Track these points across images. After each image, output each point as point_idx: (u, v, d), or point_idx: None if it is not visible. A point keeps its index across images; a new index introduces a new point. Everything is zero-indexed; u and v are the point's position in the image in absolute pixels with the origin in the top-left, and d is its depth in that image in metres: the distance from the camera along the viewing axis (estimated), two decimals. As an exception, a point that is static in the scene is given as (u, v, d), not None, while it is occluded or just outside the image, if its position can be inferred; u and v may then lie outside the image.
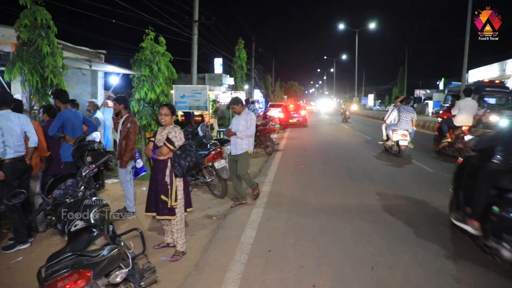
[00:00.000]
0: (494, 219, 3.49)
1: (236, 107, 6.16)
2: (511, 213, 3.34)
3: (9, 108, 4.44)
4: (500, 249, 3.44)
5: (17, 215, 4.46)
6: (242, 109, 6.20)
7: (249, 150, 6.15)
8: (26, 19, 5.24)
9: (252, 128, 6.11)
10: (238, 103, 6.17)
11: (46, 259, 4.23)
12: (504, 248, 3.39)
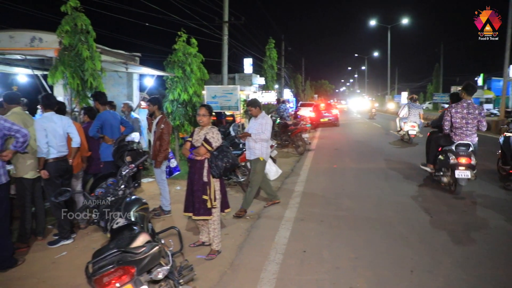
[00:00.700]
0: (438, 162, 6.93)
1: (253, 109, 5.76)
2: (446, 158, 6.52)
3: (53, 110, 4.65)
4: (441, 178, 6.75)
5: (61, 212, 4.66)
6: (259, 112, 5.77)
7: (261, 157, 5.68)
8: (67, 25, 5.48)
9: (267, 133, 5.61)
10: (256, 105, 5.79)
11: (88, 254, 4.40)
12: (443, 176, 6.69)
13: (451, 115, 6.43)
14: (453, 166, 6.25)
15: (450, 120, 6.44)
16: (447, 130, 6.55)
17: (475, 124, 6.36)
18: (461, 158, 6.20)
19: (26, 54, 5.92)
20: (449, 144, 6.53)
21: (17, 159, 4.44)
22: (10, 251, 4.09)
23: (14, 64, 7.41)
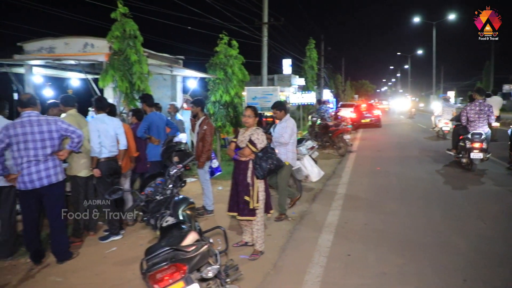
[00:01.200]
0: (459, 147, 8.79)
1: (278, 112, 5.53)
2: (464, 144, 8.34)
3: (105, 112, 4.89)
4: (461, 159, 8.61)
5: (111, 208, 4.88)
6: (283, 115, 5.53)
7: (287, 161, 5.43)
8: (117, 31, 5.74)
9: (285, 136, 5.34)
10: (281, 108, 5.55)
11: (136, 250, 4.59)
12: (463, 158, 8.53)
13: (466, 111, 8.46)
14: (469, 149, 8.15)
15: (466, 116, 8.43)
16: (464, 123, 8.48)
17: (486, 118, 8.26)
18: (475, 143, 8.04)
19: (79, 59, 6.26)
20: (466, 133, 8.37)
21: (72, 158, 4.70)
22: (66, 244, 4.35)
23: (68, 69, 7.87)
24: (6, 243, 4.34)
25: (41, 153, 3.96)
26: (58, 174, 4.13)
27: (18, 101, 4.09)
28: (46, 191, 4.05)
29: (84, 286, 3.80)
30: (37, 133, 3.92)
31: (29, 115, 3.96)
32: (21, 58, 6.75)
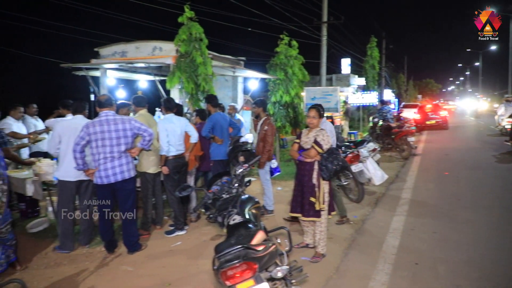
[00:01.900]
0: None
1: None
2: None
3: (173, 112, 5.12)
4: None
5: (177, 205, 5.10)
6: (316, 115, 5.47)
7: None
8: (184, 34, 5.98)
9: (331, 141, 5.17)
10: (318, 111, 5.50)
11: (200, 245, 4.73)
12: None
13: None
14: None
15: None
16: None
17: None
18: None
19: (149, 62, 6.62)
20: None
21: (142, 156, 4.98)
22: (136, 236, 4.62)
23: (137, 71, 8.36)
24: (84, 232, 4.71)
25: (116, 150, 4.24)
26: (130, 171, 4.40)
27: (97, 102, 4.41)
28: (119, 186, 4.33)
29: (152, 277, 4.00)
30: (113, 131, 4.21)
31: (106, 115, 4.26)
32: (97, 62, 7.29)
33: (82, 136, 4.13)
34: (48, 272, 4.16)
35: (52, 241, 4.94)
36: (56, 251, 4.60)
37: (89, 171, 4.28)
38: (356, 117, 21.54)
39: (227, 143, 5.70)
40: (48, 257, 4.52)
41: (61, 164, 4.49)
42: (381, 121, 12.93)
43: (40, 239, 5.06)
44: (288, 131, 9.02)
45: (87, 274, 4.08)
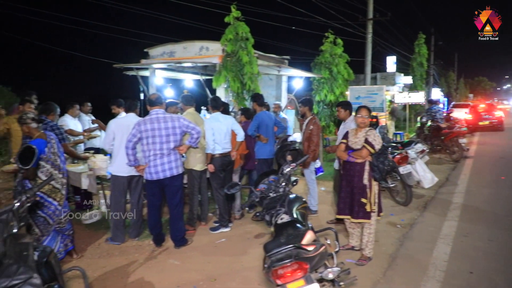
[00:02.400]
0: None
1: (342, 111, 5.09)
2: None
3: (219, 111, 5.21)
4: None
5: (222, 203, 5.19)
6: (347, 116, 5.12)
7: None
8: (231, 34, 6.06)
9: None
10: (347, 108, 5.10)
11: (243, 243, 4.78)
12: None
13: None
14: None
15: None
16: None
17: None
18: None
19: (196, 62, 6.78)
20: None
21: (189, 153, 5.10)
22: (183, 232, 4.74)
23: (184, 71, 8.59)
24: (134, 225, 4.91)
25: (165, 147, 4.38)
26: (178, 167, 4.53)
27: (148, 101, 4.58)
28: (168, 182, 4.47)
29: (198, 271, 4.10)
30: (163, 129, 4.35)
31: (156, 113, 4.41)
32: (146, 62, 7.58)
33: (134, 134, 4.30)
34: (101, 261, 4.38)
35: (104, 233, 5.20)
36: (108, 242, 4.83)
37: (140, 167, 4.45)
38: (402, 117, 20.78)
39: (272, 142, 5.71)
40: (101, 248, 4.76)
41: (114, 160, 4.71)
42: (429, 121, 12.39)
43: (93, 230, 5.34)
44: (332, 130, 8.88)
45: (137, 266, 4.26)
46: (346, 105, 5.18)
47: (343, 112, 5.11)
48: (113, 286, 3.81)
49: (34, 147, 3.34)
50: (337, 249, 2.77)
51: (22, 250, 2.04)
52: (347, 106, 5.14)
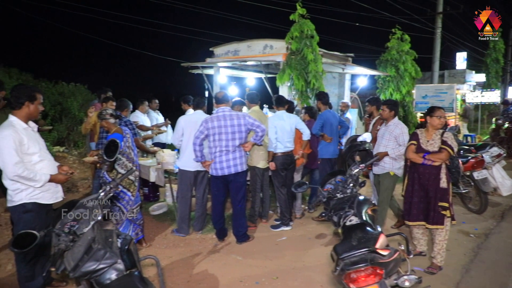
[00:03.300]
0: None
1: (387, 111, 4.68)
2: None
3: (284, 109, 5.21)
4: None
5: (284, 201, 5.18)
6: (391, 117, 4.69)
7: (392, 171, 4.61)
8: (296, 32, 6.02)
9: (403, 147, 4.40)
10: (392, 107, 4.67)
11: (304, 242, 4.72)
12: None
13: None
14: None
15: None
16: None
17: None
18: None
19: (260, 60, 6.84)
20: None
21: (253, 150, 5.15)
22: (245, 227, 4.82)
23: (246, 69, 8.70)
24: (198, 218, 5.08)
25: (231, 144, 4.47)
26: (242, 164, 4.60)
27: (214, 98, 4.70)
28: (232, 178, 4.56)
29: (260, 268, 4.14)
30: (229, 126, 4.44)
31: (223, 111, 4.51)
32: (211, 61, 7.79)
33: (201, 130, 4.44)
34: (168, 251, 4.59)
35: (170, 224, 5.45)
36: (174, 234, 5.05)
37: (206, 163, 4.58)
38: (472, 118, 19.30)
39: (336, 141, 5.59)
40: (167, 238, 4.99)
41: (182, 155, 4.91)
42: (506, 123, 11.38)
43: (160, 221, 5.62)
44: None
45: (201, 258, 4.40)
46: (393, 105, 4.73)
47: (387, 112, 4.67)
48: (179, 275, 3.97)
49: (117, 141, 3.58)
50: (411, 255, 2.63)
51: (108, 237, 2.19)
52: (393, 106, 4.70)
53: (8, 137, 2.89)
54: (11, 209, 3.10)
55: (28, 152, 3.01)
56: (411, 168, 4.05)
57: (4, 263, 4.13)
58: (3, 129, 2.96)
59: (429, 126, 3.96)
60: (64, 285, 3.70)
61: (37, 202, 3.09)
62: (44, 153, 3.19)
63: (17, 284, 3.42)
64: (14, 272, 3.90)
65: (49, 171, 3.16)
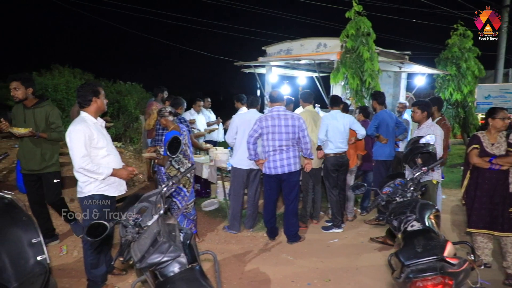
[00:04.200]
0: None
1: (419, 112, 4.21)
2: None
3: (339, 108, 5.10)
4: None
5: (336, 203, 5.08)
6: (424, 119, 4.25)
7: (434, 179, 4.13)
8: (352, 29, 5.87)
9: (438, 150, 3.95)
10: (425, 108, 4.21)
11: (356, 246, 4.60)
12: None
13: None
14: None
15: None
16: None
17: None
18: None
19: (313, 59, 6.75)
20: None
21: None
22: (297, 227, 4.79)
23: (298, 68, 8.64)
24: (250, 216, 5.12)
25: (284, 144, 4.46)
26: (296, 164, 4.57)
27: (270, 97, 4.71)
28: (286, 178, 4.55)
29: (311, 269, 4.09)
30: (283, 126, 4.43)
31: (278, 110, 4.51)
32: (263, 60, 7.82)
33: (255, 129, 4.47)
34: (219, 247, 4.67)
35: (221, 221, 5.55)
36: (225, 230, 5.13)
37: (259, 161, 4.60)
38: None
39: (392, 143, 5.39)
40: (219, 235, 5.08)
41: (235, 153, 4.97)
42: None
43: (212, 217, 5.74)
44: (457, 133, 8.02)
45: (252, 256, 4.44)
46: (425, 105, 4.25)
47: (419, 114, 4.21)
48: (232, 272, 4.03)
49: (180, 138, 3.71)
50: (482, 266, 2.46)
51: (171, 231, 2.26)
52: (425, 107, 4.22)
53: (79, 131, 3.09)
54: (80, 200, 3.31)
55: (97, 146, 3.20)
56: (473, 173, 3.80)
57: (70, 249, 4.42)
58: (75, 123, 3.17)
59: (492, 129, 3.72)
60: (124, 274, 3.88)
61: (103, 194, 3.28)
62: (111, 148, 3.37)
63: (83, 270, 3.66)
64: (80, 258, 4.19)
65: (115, 165, 3.33)
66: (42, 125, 4.19)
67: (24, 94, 4.08)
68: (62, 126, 4.27)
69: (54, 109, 4.32)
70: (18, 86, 4.02)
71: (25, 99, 4.12)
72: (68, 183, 6.90)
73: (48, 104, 4.28)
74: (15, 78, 4.02)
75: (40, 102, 4.22)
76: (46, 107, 4.22)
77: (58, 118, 4.27)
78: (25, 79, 4.07)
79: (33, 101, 4.19)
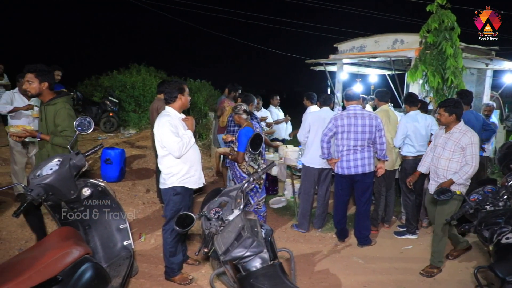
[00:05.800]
0: None
1: (445, 115, 3.76)
2: None
3: (417, 108, 4.83)
4: None
5: (411, 208, 4.83)
6: (454, 122, 3.78)
7: (458, 190, 3.60)
8: (435, 23, 5.50)
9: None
10: (452, 111, 3.72)
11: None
12: None
13: None
14: None
15: None
16: None
17: None
18: None
19: (389, 56, 6.45)
20: None
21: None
22: (368, 230, 4.64)
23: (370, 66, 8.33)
24: (319, 216, 5.07)
25: (360, 144, 4.33)
26: (370, 165, 4.42)
27: (345, 95, 4.59)
28: (359, 178, 4.42)
29: (384, 276, 3.94)
30: (359, 125, 4.30)
31: (354, 109, 4.39)
32: (335, 58, 7.65)
33: (330, 128, 4.39)
34: (288, 246, 4.64)
35: (289, 219, 5.55)
36: (294, 229, 5.12)
37: (332, 161, 4.52)
38: None
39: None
40: (287, 233, 5.09)
41: (307, 151, 4.94)
42: None
43: (280, 215, 5.76)
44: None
45: (321, 256, 4.39)
46: (453, 106, 3.74)
47: (446, 117, 3.76)
48: (301, 271, 4.02)
49: (262, 135, 3.78)
50: None
51: (253, 226, 2.32)
52: (453, 108, 3.73)
53: (166, 123, 3.30)
54: (163, 191, 3.51)
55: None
56: None
57: (148, 237, 4.72)
58: (161, 117, 3.40)
59: None
60: (197, 264, 4.05)
61: (184, 186, 3.45)
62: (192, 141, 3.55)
63: (160, 257, 3.89)
64: (157, 246, 4.45)
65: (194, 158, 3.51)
66: (51, 126, 3.51)
67: (38, 89, 3.41)
68: (70, 130, 3.42)
69: (65, 108, 3.50)
70: (31, 79, 3.37)
71: (39, 95, 3.46)
72: (144, 174, 7.40)
73: (61, 101, 3.52)
74: (29, 70, 3.37)
75: (54, 99, 3.52)
76: (57, 105, 3.49)
77: (65, 120, 3.46)
78: (41, 72, 3.39)
79: (48, 97, 3.51)
